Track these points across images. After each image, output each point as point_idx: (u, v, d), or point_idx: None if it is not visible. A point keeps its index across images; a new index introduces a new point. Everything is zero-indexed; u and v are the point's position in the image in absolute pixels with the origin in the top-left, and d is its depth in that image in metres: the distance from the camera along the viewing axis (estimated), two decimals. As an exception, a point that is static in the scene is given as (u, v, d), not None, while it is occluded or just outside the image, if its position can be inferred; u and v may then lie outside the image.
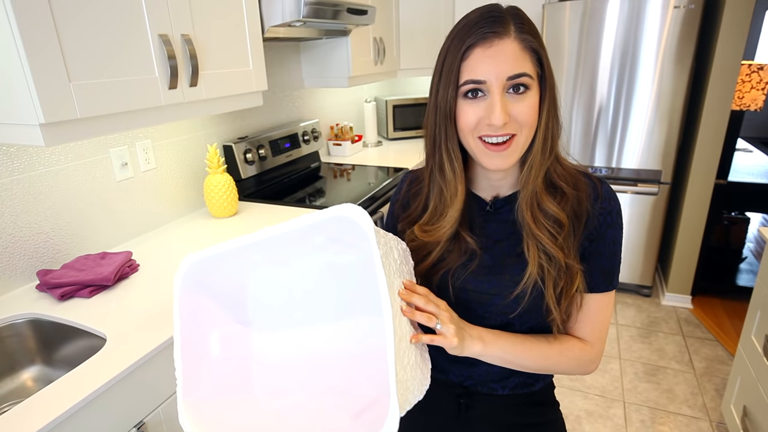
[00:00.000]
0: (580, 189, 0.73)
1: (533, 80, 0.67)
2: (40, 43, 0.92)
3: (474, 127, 0.68)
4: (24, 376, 1.12)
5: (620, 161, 2.66)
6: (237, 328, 0.76)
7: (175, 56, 1.20)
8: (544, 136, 0.70)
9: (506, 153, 0.69)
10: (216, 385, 0.72)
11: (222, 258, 0.69)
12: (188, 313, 0.70)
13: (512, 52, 0.65)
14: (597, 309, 0.76)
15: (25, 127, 0.98)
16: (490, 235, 0.78)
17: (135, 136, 1.53)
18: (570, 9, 2.47)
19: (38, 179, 1.27)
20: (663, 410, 1.98)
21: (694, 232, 2.60)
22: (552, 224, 0.71)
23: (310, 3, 1.57)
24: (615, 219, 0.74)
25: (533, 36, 0.67)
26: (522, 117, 0.67)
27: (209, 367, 0.72)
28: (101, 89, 1.05)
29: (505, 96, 0.66)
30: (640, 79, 2.47)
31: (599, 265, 0.74)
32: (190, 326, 0.70)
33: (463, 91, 0.68)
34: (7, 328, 1.11)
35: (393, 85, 3.53)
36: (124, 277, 1.28)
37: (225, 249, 0.67)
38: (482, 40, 0.65)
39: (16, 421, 0.80)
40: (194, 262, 0.69)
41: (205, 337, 0.73)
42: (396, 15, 2.67)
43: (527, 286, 0.72)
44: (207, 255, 0.68)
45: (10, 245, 1.22)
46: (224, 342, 0.74)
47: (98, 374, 0.90)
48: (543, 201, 0.71)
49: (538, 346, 0.75)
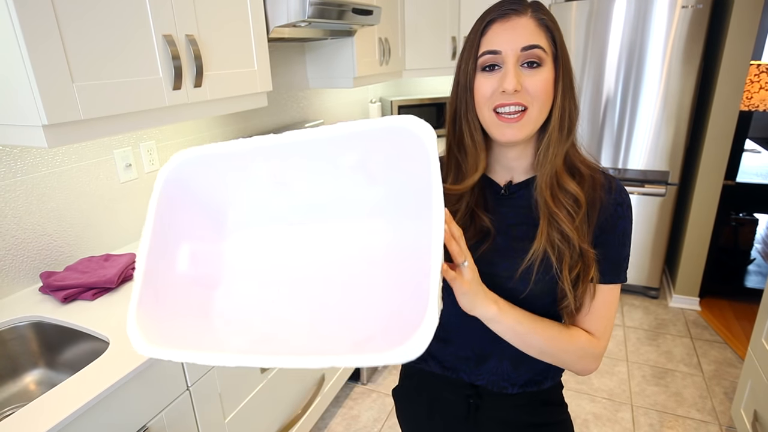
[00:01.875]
0: (595, 177, 0.76)
1: (547, 55, 0.70)
2: (43, 43, 0.91)
3: (489, 97, 0.71)
4: (27, 380, 1.11)
5: (627, 162, 2.63)
6: (213, 242, 0.67)
7: (179, 57, 1.19)
8: (561, 114, 0.72)
9: (518, 124, 0.71)
10: (176, 307, 0.63)
11: (220, 160, 0.61)
12: (164, 214, 0.62)
13: (528, 26, 0.69)
14: (604, 301, 0.77)
15: (28, 129, 0.97)
16: (504, 218, 0.79)
17: (139, 137, 1.52)
18: (576, 9, 2.45)
19: (41, 180, 1.26)
20: (671, 414, 1.96)
21: (702, 234, 2.57)
22: (571, 203, 0.72)
23: (315, 3, 1.56)
24: (626, 211, 0.76)
25: (550, 19, 0.71)
26: (534, 89, 0.69)
27: (172, 283, 0.63)
28: (105, 90, 1.04)
29: (519, 68, 0.70)
30: (647, 79, 2.45)
31: (608, 255, 0.76)
32: (163, 230, 0.62)
33: (481, 64, 0.72)
34: (10, 331, 1.10)
35: (398, 85, 3.51)
36: (128, 279, 1.27)
37: (226, 150, 0.59)
38: (501, 16, 0.70)
39: (18, 426, 0.79)
40: (186, 160, 0.61)
41: (176, 246, 0.64)
42: (401, 15, 2.66)
43: (534, 259, 0.72)
44: (203, 153, 0.60)
45: (13, 247, 1.21)
46: (195, 257, 0.65)
47: (101, 378, 0.89)
48: (563, 179, 0.73)
49: (551, 326, 0.75)
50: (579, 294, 0.74)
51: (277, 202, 0.66)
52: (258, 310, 0.65)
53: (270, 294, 0.65)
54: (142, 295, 0.59)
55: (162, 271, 0.62)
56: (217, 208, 0.67)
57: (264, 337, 0.61)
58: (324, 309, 0.63)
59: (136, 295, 0.59)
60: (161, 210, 0.62)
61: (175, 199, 0.63)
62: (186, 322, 0.62)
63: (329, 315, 0.62)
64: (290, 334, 0.61)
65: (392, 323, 0.55)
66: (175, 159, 0.62)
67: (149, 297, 0.60)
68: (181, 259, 0.65)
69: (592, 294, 0.76)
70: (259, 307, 0.65)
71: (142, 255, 0.60)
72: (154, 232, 0.61)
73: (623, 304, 2.79)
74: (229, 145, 0.59)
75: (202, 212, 0.66)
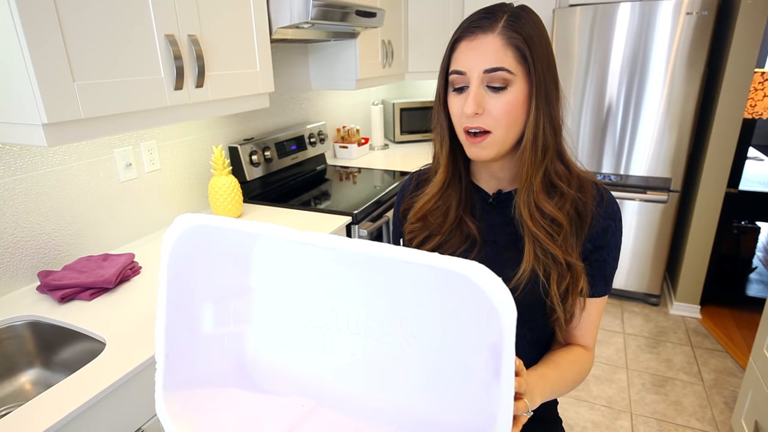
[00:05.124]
0: (585, 191, 0.74)
1: (514, 76, 0.67)
2: (44, 41, 0.91)
3: (459, 116, 0.72)
4: (22, 379, 1.10)
5: (629, 168, 2.62)
6: (237, 297, 0.64)
7: (181, 57, 1.18)
8: (534, 134, 0.70)
9: (482, 144, 0.71)
10: (204, 372, 0.61)
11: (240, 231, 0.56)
12: (177, 278, 0.58)
13: (492, 46, 0.67)
14: (596, 313, 0.79)
15: (27, 127, 0.96)
16: (492, 226, 0.79)
17: (140, 136, 1.52)
18: (580, 14, 2.45)
19: (41, 179, 1.25)
20: (671, 422, 1.95)
21: (704, 241, 2.56)
22: (549, 224, 0.72)
23: (318, 5, 1.56)
24: (618, 226, 0.76)
25: (523, 34, 0.67)
26: (497, 112, 0.68)
27: (197, 347, 0.60)
28: (106, 89, 1.03)
29: (482, 89, 0.68)
30: (650, 85, 2.44)
31: (602, 271, 0.76)
32: (179, 295, 0.58)
33: (451, 82, 0.72)
34: (7, 330, 1.09)
35: (401, 88, 3.51)
36: (126, 279, 1.26)
37: (244, 228, 0.55)
38: (468, 34, 0.69)
39: (14, 426, 0.78)
40: (197, 225, 0.56)
41: (197, 308, 0.61)
42: (404, 17, 2.66)
43: (520, 282, 0.72)
44: (218, 225, 0.56)
45: (11, 245, 1.20)
46: (219, 314, 0.62)
47: (97, 379, 0.88)
48: (540, 201, 0.72)
49: (567, 369, 0.75)
50: (568, 306, 0.74)
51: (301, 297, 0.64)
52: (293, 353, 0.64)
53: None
54: (167, 369, 0.57)
55: (185, 338, 0.60)
56: (237, 256, 0.63)
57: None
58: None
59: (160, 371, 0.57)
60: (172, 274, 0.58)
61: (185, 260, 0.59)
62: (218, 389, 0.61)
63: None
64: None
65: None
66: (182, 223, 0.57)
67: (174, 369, 0.58)
68: (205, 319, 0.62)
69: (582, 305, 0.76)
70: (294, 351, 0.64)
71: (160, 326, 0.57)
72: (169, 300, 0.58)
73: (623, 311, 2.78)
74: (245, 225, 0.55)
75: (217, 265, 0.63)
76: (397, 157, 2.75)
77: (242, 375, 0.64)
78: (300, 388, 0.64)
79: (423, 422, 0.57)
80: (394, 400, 0.59)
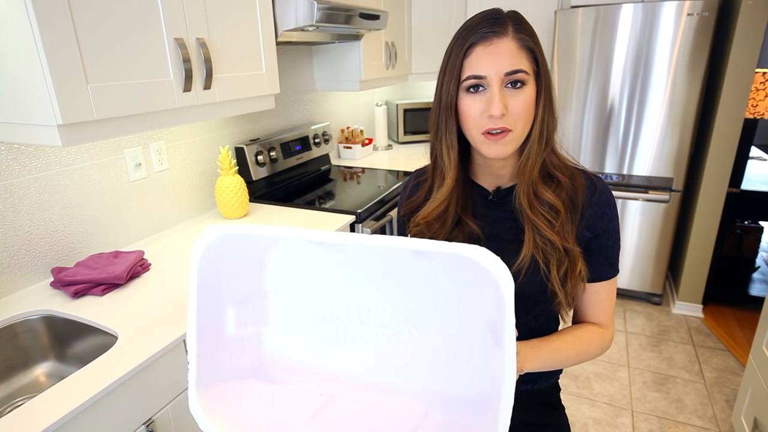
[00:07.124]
0: (576, 179, 0.79)
1: (529, 76, 0.72)
2: (60, 45, 0.94)
3: (478, 119, 0.73)
4: (37, 371, 1.14)
5: (632, 168, 2.64)
6: (255, 300, 0.69)
7: (189, 59, 1.22)
8: (540, 128, 0.75)
9: (503, 142, 0.73)
10: (230, 369, 0.66)
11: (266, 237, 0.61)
12: (205, 285, 0.62)
13: (510, 49, 0.70)
14: (606, 294, 0.83)
15: (43, 128, 1.00)
16: (493, 222, 0.82)
17: (149, 137, 1.56)
18: (582, 15, 2.47)
19: (54, 178, 1.29)
20: (672, 420, 1.96)
21: (706, 241, 2.57)
22: (548, 210, 0.76)
23: (323, 8, 1.59)
24: (614, 212, 0.80)
25: (530, 36, 0.73)
26: (517, 110, 0.72)
27: (222, 348, 0.65)
28: (118, 91, 1.07)
29: (503, 90, 0.71)
30: (652, 85, 2.46)
31: (606, 256, 0.81)
32: (206, 300, 0.63)
33: (465, 86, 0.73)
34: (22, 324, 1.13)
35: (404, 89, 3.54)
36: (136, 275, 1.30)
37: (274, 233, 0.59)
38: (483, 39, 0.71)
39: (29, 416, 0.81)
40: (225, 235, 0.61)
41: (221, 311, 0.66)
42: (408, 20, 2.69)
43: (521, 267, 0.76)
44: (242, 232, 0.60)
45: (26, 243, 1.24)
46: (239, 317, 0.67)
47: (109, 371, 0.92)
48: (539, 189, 0.76)
49: (572, 343, 0.79)
50: (569, 290, 0.78)
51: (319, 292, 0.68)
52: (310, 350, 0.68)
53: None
54: (199, 368, 0.61)
55: (214, 339, 0.64)
56: (254, 261, 0.67)
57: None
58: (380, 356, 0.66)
59: (193, 371, 0.61)
60: (201, 283, 0.62)
61: (212, 268, 0.63)
62: (245, 382, 0.66)
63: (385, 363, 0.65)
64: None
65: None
66: (211, 234, 0.61)
67: (206, 368, 0.62)
68: (228, 321, 0.66)
69: (583, 287, 0.82)
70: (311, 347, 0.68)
71: (192, 329, 0.62)
72: (199, 305, 0.62)
73: (625, 309, 2.79)
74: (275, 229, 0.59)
75: (238, 272, 0.67)
76: (400, 158, 2.78)
77: (263, 371, 0.69)
78: (317, 379, 0.68)
79: (433, 393, 0.64)
80: (407, 378, 0.65)
